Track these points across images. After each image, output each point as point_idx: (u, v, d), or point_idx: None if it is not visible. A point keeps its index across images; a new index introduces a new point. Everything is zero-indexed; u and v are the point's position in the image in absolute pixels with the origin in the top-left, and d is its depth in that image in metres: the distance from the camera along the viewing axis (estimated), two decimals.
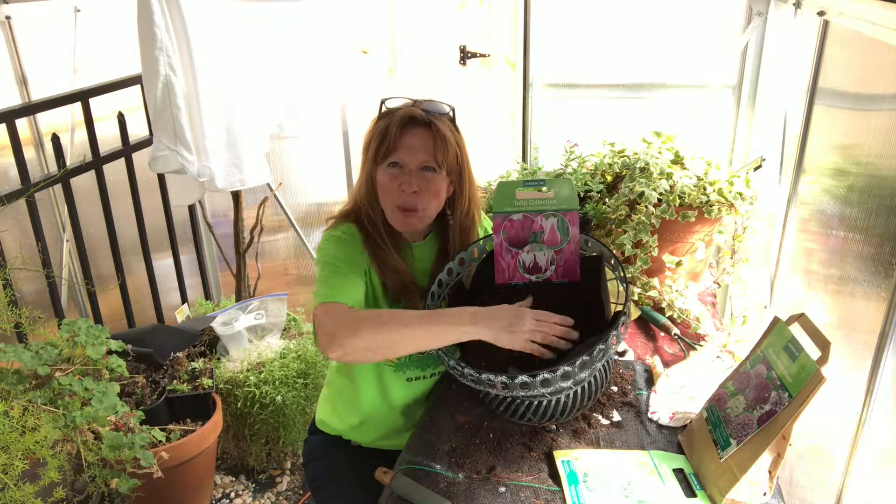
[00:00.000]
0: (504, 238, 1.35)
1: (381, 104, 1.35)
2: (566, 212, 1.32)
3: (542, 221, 1.33)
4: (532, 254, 1.35)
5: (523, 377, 1.09)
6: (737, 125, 2.25)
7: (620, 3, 2.20)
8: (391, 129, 1.29)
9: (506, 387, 1.11)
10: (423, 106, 1.33)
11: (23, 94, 2.32)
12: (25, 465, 1.26)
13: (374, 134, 1.33)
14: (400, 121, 1.29)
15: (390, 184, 1.31)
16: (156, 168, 2.01)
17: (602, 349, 1.11)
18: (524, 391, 1.12)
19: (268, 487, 2.34)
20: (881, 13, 1.22)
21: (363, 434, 1.50)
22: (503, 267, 1.37)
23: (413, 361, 1.43)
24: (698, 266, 1.80)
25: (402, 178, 1.30)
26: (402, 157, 1.30)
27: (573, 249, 1.34)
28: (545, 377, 1.09)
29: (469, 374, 1.13)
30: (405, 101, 1.34)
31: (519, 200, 1.34)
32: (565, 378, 1.11)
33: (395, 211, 1.33)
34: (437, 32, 2.42)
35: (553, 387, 1.12)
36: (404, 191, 1.30)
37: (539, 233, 1.34)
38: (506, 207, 1.34)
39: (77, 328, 1.56)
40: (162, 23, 1.89)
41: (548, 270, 1.36)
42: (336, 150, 2.63)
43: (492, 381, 1.11)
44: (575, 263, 1.35)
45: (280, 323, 2.39)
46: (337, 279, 1.27)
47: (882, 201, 1.21)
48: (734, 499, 1.07)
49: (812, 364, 1.02)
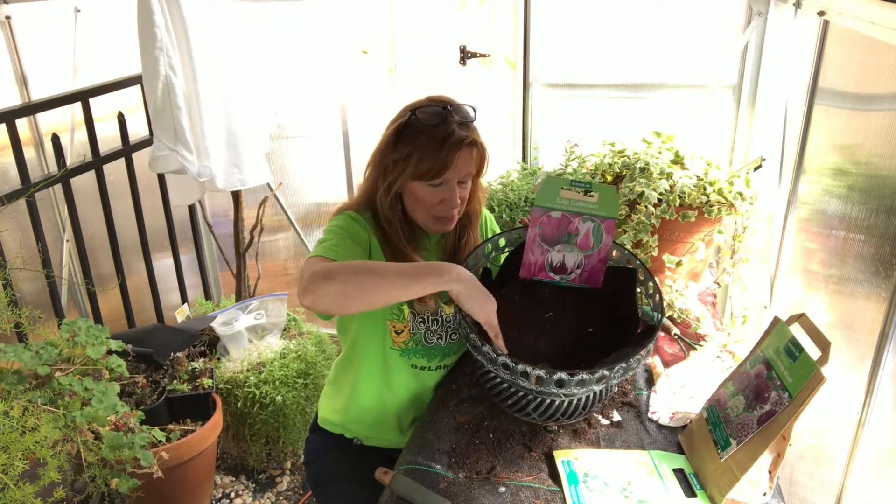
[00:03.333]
0: (539, 233, 1.35)
1: (412, 113, 1.31)
2: (604, 219, 1.32)
3: (580, 224, 1.33)
4: (562, 254, 1.35)
5: (560, 374, 1.09)
6: (737, 125, 2.25)
7: (620, 3, 2.20)
8: (440, 153, 1.28)
9: (539, 381, 1.11)
10: (458, 115, 1.31)
11: (23, 94, 2.33)
12: (25, 465, 1.26)
13: (412, 152, 1.29)
14: (451, 146, 1.28)
15: (431, 198, 1.33)
16: (156, 168, 2.01)
17: (639, 359, 1.13)
18: (556, 388, 1.12)
19: (268, 487, 2.34)
20: (881, 13, 1.22)
21: (364, 428, 1.50)
22: (531, 261, 1.37)
23: (419, 350, 1.43)
24: (698, 266, 1.80)
25: (444, 195, 1.32)
26: (448, 177, 1.31)
27: (602, 257, 1.35)
28: (583, 377, 1.10)
29: (503, 363, 1.13)
30: (436, 108, 1.31)
31: (561, 199, 1.33)
32: (599, 381, 1.12)
33: (429, 218, 1.36)
34: (437, 32, 2.42)
35: (586, 388, 1.13)
36: (447, 205, 1.33)
37: (574, 234, 1.34)
38: (548, 203, 1.33)
39: (77, 328, 1.56)
40: (162, 23, 1.89)
41: (573, 273, 1.36)
42: (336, 150, 2.63)
43: (528, 373, 1.11)
44: (600, 272, 1.36)
45: (280, 323, 2.39)
46: (336, 243, 1.27)
47: (882, 201, 1.21)
48: (734, 499, 1.07)
49: (812, 364, 1.02)
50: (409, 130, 1.31)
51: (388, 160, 1.33)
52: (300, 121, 2.61)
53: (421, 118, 1.31)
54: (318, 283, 1.13)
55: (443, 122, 1.29)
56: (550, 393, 1.16)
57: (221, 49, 2.08)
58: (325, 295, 1.13)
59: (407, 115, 1.33)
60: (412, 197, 1.34)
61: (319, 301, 1.14)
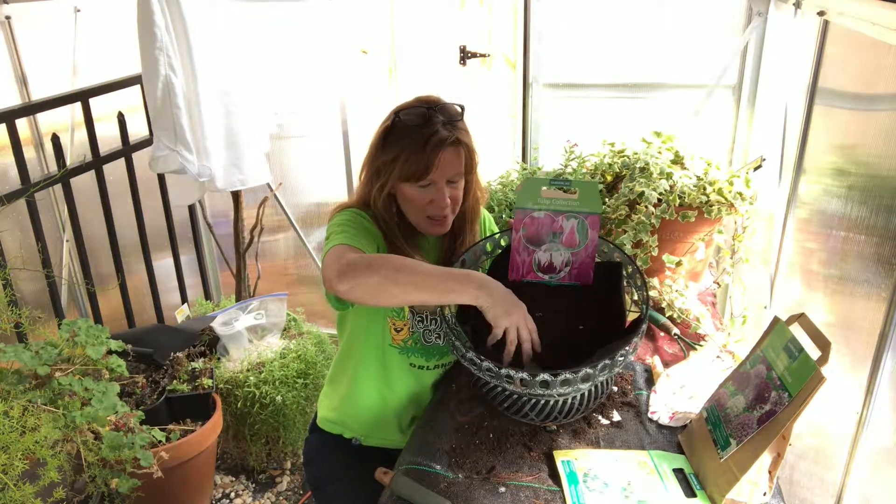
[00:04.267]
0: (523, 235, 1.35)
1: (396, 116, 1.32)
2: (588, 215, 1.32)
3: (563, 222, 1.33)
4: (549, 253, 1.35)
5: (544, 375, 1.09)
6: (737, 125, 2.25)
7: (620, 3, 2.20)
8: (423, 154, 1.27)
9: (524, 384, 1.12)
10: (442, 115, 1.30)
11: (23, 94, 2.33)
12: (25, 465, 1.26)
13: (398, 154, 1.30)
14: (433, 146, 1.27)
15: (421, 199, 1.32)
16: (156, 168, 2.01)
17: (623, 355, 1.11)
18: (542, 389, 1.12)
19: (268, 487, 2.34)
20: (881, 13, 1.22)
21: (363, 426, 1.50)
22: (518, 263, 1.37)
23: (418, 348, 1.43)
24: (698, 266, 1.80)
25: (432, 195, 1.31)
26: (433, 177, 1.30)
27: (590, 253, 1.34)
28: (567, 377, 1.10)
29: (487, 367, 1.13)
30: (420, 109, 1.31)
31: (542, 199, 1.33)
32: (584, 380, 1.11)
33: (423, 219, 1.35)
34: (437, 32, 2.42)
35: (571, 387, 1.12)
36: (436, 206, 1.32)
37: (558, 233, 1.34)
38: (529, 204, 1.33)
39: (77, 328, 1.56)
40: (162, 23, 1.89)
41: (562, 272, 1.36)
42: (336, 150, 2.63)
43: (511, 376, 1.11)
44: (589, 267, 1.35)
45: (280, 323, 2.39)
46: (355, 234, 1.27)
47: (882, 201, 1.21)
48: (734, 499, 1.07)
49: (812, 364, 1.02)
50: (395, 132, 1.32)
51: (378, 162, 1.34)
52: (300, 121, 2.61)
53: (405, 119, 1.31)
54: (358, 272, 1.13)
55: (426, 122, 1.29)
56: (539, 394, 1.16)
57: (221, 49, 2.08)
58: (364, 285, 1.13)
59: (392, 117, 1.33)
60: (404, 198, 1.34)
61: (357, 289, 1.14)
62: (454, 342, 1.20)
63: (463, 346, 1.18)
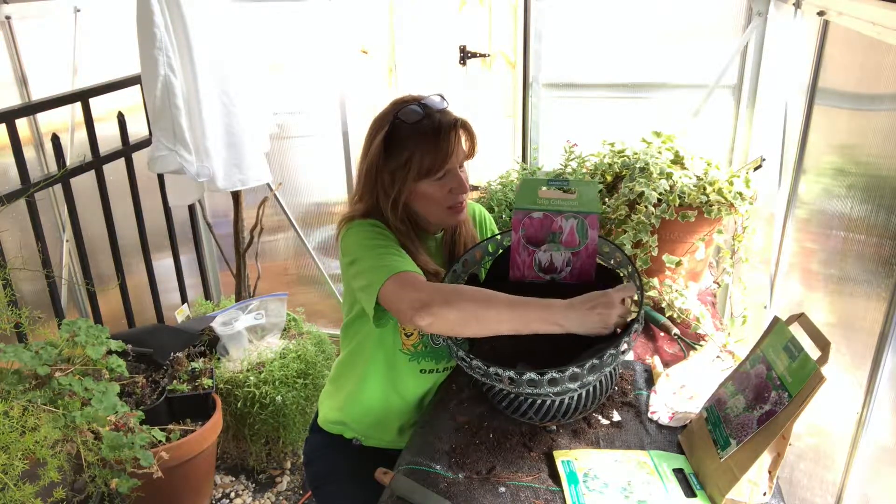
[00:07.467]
0: (522, 235, 1.35)
1: (394, 116, 1.31)
2: (587, 214, 1.32)
3: (562, 222, 1.33)
4: (549, 253, 1.35)
5: (531, 374, 1.10)
6: (737, 125, 2.25)
7: (620, 4, 2.20)
8: (437, 143, 1.28)
9: (513, 382, 1.12)
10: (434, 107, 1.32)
11: (23, 94, 2.32)
12: (25, 465, 1.26)
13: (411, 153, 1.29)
14: (445, 131, 1.29)
15: (440, 191, 1.33)
16: (155, 168, 2.01)
17: (613, 354, 1.11)
18: (531, 388, 1.13)
19: (268, 487, 2.34)
20: (881, 13, 1.22)
21: (365, 427, 1.50)
22: (518, 263, 1.37)
23: (428, 352, 1.43)
24: (698, 266, 1.80)
25: (450, 184, 1.33)
26: (451, 164, 1.32)
27: (590, 252, 1.34)
28: (553, 376, 1.10)
29: (477, 366, 1.14)
30: (412, 106, 1.31)
31: (541, 199, 1.34)
32: (573, 379, 1.11)
33: (444, 211, 1.36)
34: (437, 32, 2.42)
35: (560, 387, 1.12)
36: (458, 191, 1.33)
37: (558, 233, 1.34)
38: (527, 204, 1.33)
39: (77, 328, 1.56)
40: (162, 23, 1.89)
41: (563, 271, 1.36)
42: (336, 149, 2.63)
43: (500, 375, 1.12)
44: (590, 266, 1.36)
45: (280, 323, 2.39)
46: (394, 256, 1.27)
47: (882, 201, 1.21)
48: (734, 499, 1.07)
49: (812, 364, 1.02)
50: (398, 135, 1.31)
51: (388, 170, 1.32)
52: (300, 121, 2.61)
53: (404, 119, 1.31)
54: (439, 307, 1.15)
55: (425, 115, 1.30)
56: (531, 393, 1.16)
57: (221, 49, 2.08)
58: (446, 320, 1.16)
59: (390, 121, 1.32)
60: (422, 198, 1.34)
61: (438, 323, 1.16)
62: (448, 341, 1.21)
63: (455, 345, 1.19)
